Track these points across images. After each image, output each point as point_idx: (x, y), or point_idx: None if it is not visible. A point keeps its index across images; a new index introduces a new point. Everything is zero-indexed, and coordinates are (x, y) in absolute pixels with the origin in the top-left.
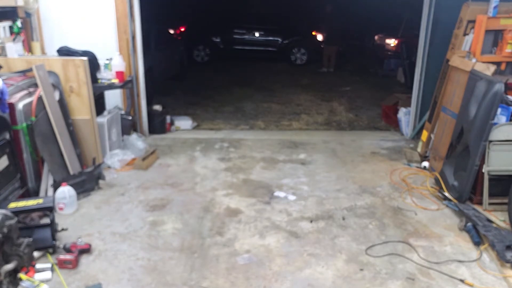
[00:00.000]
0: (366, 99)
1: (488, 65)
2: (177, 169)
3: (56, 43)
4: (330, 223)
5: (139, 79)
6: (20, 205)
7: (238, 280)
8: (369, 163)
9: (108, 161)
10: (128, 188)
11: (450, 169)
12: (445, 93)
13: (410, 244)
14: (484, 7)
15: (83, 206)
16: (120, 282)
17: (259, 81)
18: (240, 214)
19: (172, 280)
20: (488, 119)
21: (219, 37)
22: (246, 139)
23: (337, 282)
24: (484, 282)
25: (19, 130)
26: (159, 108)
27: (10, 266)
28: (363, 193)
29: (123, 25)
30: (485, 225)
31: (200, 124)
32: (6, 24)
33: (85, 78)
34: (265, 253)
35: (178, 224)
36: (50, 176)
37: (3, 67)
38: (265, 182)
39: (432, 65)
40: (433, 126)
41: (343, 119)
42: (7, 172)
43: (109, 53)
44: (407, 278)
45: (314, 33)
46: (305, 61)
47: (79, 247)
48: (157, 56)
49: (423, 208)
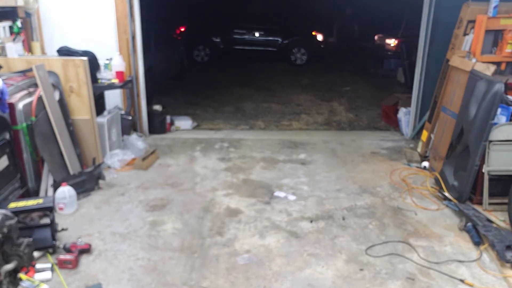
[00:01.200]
0: (366, 99)
1: (488, 65)
2: (177, 169)
3: (56, 43)
4: (330, 223)
5: (139, 79)
6: (20, 205)
7: (238, 280)
8: (369, 163)
9: (108, 161)
10: (128, 188)
11: (450, 169)
12: (445, 93)
13: (410, 244)
14: (484, 7)
15: (83, 206)
16: (120, 282)
17: (259, 81)
18: (240, 214)
19: (172, 280)
20: (488, 119)
21: (219, 37)
22: (246, 139)
23: (337, 282)
24: (484, 282)
25: (19, 130)
26: (159, 108)
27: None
28: (363, 193)
29: (123, 25)
30: (485, 225)
31: (200, 124)
32: (6, 24)
33: (85, 78)
34: (265, 253)
35: (178, 224)
36: (50, 176)
37: (3, 67)
38: (265, 182)
39: (432, 65)
40: (433, 126)
41: (343, 119)
42: (7, 172)
43: (109, 53)
44: (407, 278)
45: (314, 33)
46: (305, 61)
47: (79, 247)
48: (157, 56)
49: (423, 208)
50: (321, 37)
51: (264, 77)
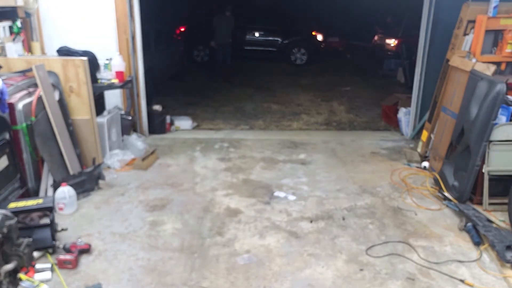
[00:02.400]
0: (366, 99)
1: (488, 65)
2: (177, 169)
3: (56, 43)
4: (330, 223)
5: (139, 79)
6: (20, 205)
7: (238, 280)
8: (369, 163)
9: (108, 161)
10: (128, 188)
11: (450, 169)
12: (445, 93)
13: (410, 244)
14: (484, 7)
15: (83, 206)
16: (120, 282)
17: (259, 81)
18: (240, 214)
19: (172, 280)
20: (489, 119)
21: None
22: (246, 139)
23: (337, 282)
24: (484, 282)
25: (19, 130)
26: (159, 108)
27: (10, 266)
28: (363, 193)
29: (123, 25)
30: (485, 225)
31: (200, 124)
32: (6, 24)
33: (85, 78)
34: (265, 253)
35: (178, 224)
36: (50, 176)
37: (3, 67)
38: (265, 182)
39: (432, 65)
40: (433, 126)
41: (343, 119)
42: (7, 172)
43: (109, 53)
44: (407, 278)
45: (314, 33)
46: (305, 61)
47: (79, 247)
48: (157, 56)
49: (423, 208)
50: (321, 37)
51: (264, 77)
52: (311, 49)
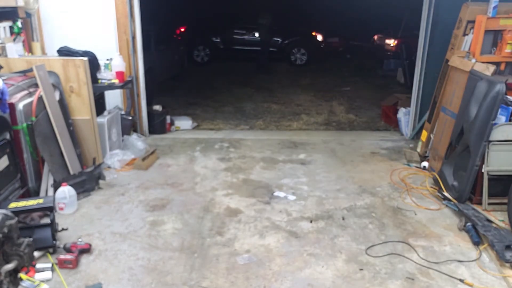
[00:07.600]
0: (366, 99)
1: (487, 65)
2: (177, 169)
3: (56, 43)
4: (330, 223)
5: (139, 79)
6: (20, 205)
7: (238, 280)
8: (368, 163)
9: (108, 161)
10: (128, 188)
11: (450, 169)
12: (445, 93)
13: (409, 244)
14: (484, 7)
15: (83, 206)
16: (120, 282)
17: (259, 81)
18: (240, 214)
19: (172, 280)
20: (489, 119)
21: (219, 37)
22: (246, 139)
23: (337, 282)
24: (484, 282)
25: (19, 130)
26: (159, 108)
27: (11, 266)
28: (363, 193)
29: (123, 25)
30: (485, 225)
31: (200, 124)
32: (7, 24)
33: (85, 78)
34: (265, 253)
35: (178, 224)
36: (50, 176)
37: (4, 67)
38: (265, 182)
39: (432, 65)
40: (433, 126)
41: (343, 119)
42: (8, 172)
43: (109, 53)
44: (406, 278)
45: (314, 33)
46: (305, 61)
47: (79, 247)
48: (157, 56)
49: (422, 208)
50: (321, 37)
51: (264, 77)
52: (311, 49)
